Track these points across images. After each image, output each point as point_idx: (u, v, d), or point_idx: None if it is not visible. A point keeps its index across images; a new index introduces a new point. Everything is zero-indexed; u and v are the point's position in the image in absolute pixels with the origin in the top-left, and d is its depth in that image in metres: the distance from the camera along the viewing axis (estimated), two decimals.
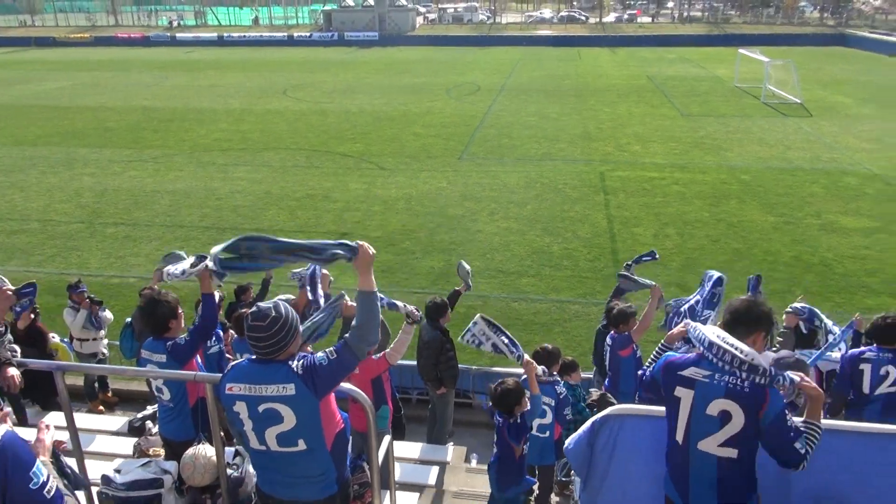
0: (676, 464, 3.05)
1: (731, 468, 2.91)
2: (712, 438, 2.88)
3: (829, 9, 74.71)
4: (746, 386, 2.82)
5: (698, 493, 2.97)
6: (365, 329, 3.10)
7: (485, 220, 15.33)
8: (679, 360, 2.98)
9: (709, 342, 2.91)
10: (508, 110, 28.78)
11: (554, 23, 77.07)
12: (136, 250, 13.98)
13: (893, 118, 26.06)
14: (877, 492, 3.02)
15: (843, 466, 3.03)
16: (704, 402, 2.86)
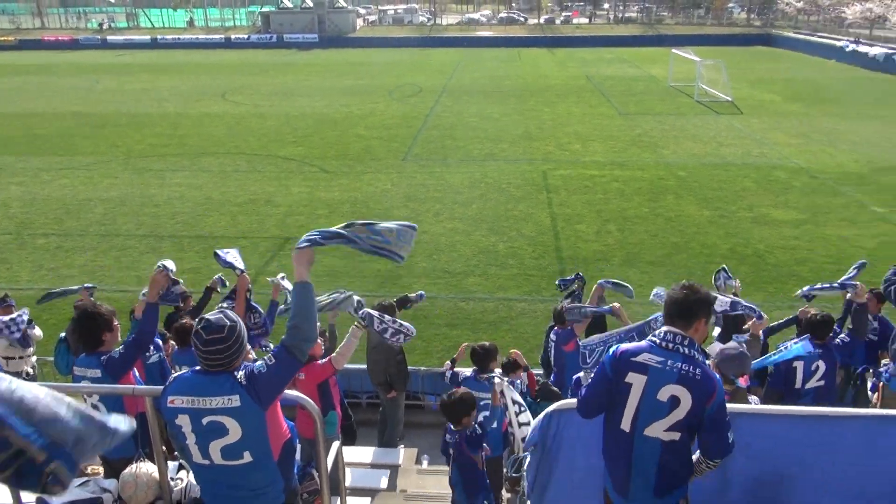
0: (616, 452, 3.08)
1: (673, 452, 2.98)
2: (659, 423, 2.94)
3: (756, 10, 77.79)
4: (698, 373, 2.90)
5: (639, 480, 3.03)
6: (301, 325, 3.02)
7: (430, 221, 15.34)
8: (629, 348, 3.03)
9: (664, 331, 3.00)
10: (451, 111, 28.90)
11: (493, 24, 77.80)
12: (69, 261, 13.43)
13: (818, 114, 27.32)
14: (810, 470, 3.15)
15: (779, 448, 3.15)
16: (656, 387, 2.91)
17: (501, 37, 64.60)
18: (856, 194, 16.95)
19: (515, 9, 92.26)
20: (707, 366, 2.97)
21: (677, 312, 3.01)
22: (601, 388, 3.07)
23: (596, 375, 3.12)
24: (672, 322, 3.02)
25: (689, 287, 3.05)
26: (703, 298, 3.02)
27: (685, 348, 2.94)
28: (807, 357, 5.24)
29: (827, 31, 59.65)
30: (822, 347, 5.27)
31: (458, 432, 4.68)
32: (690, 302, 3.00)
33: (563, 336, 6.14)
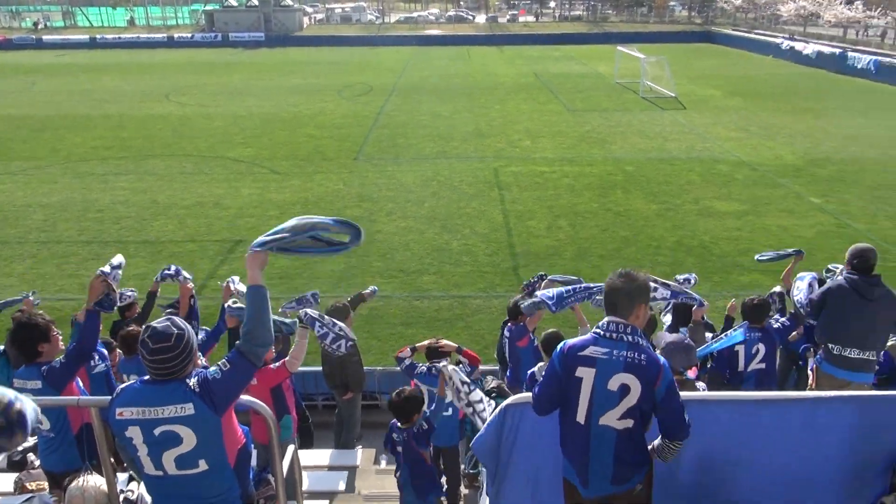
0: (575, 444, 3.14)
1: (628, 440, 3.05)
2: (612, 412, 3.01)
3: (696, 8, 79.92)
4: (643, 359, 2.97)
5: (597, 469, 3.09)
6: (256, 330, 2.98)
7: (383, 221, 15.29)
8: (576, 343, 3.09)
9: (606, 321, 3.06)
10: (402, 110, 28.84)
11: (442, 22, 77.93)
12: (8, 270, 12.91)
13: (756, 109, 28.24)
14: (756, 453, 3.27)
15: (726, 433, 3.25)
16: (605, 378, 2.98)
17: (450, 35, 64.76)
18: (794, 186, 17.60)
19: (463, 7, 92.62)
20: (651, 350, 3.05)
21: (618, 301, 3.08)
22: (553, 386, 3.13)
23: (546, 374, 3.17)
24: (614, 311, 3.08)
25: (627, 275, 3.12)
26: (640, 286, 3.10)
27: (628, 336, 3.01)
28: (748, 341, 5.45)
29: (764, 29, 61.72)
30: (762, 331, 5.49)
31: (406, 429, 4.65)
32: (630, 290, 3.07)
33: (516, 332, 6.21)
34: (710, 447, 3.27)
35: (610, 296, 3.10)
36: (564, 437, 3.20)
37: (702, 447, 3.23)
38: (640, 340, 3.03)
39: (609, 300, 3.11)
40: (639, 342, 3.02)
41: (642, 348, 3.02)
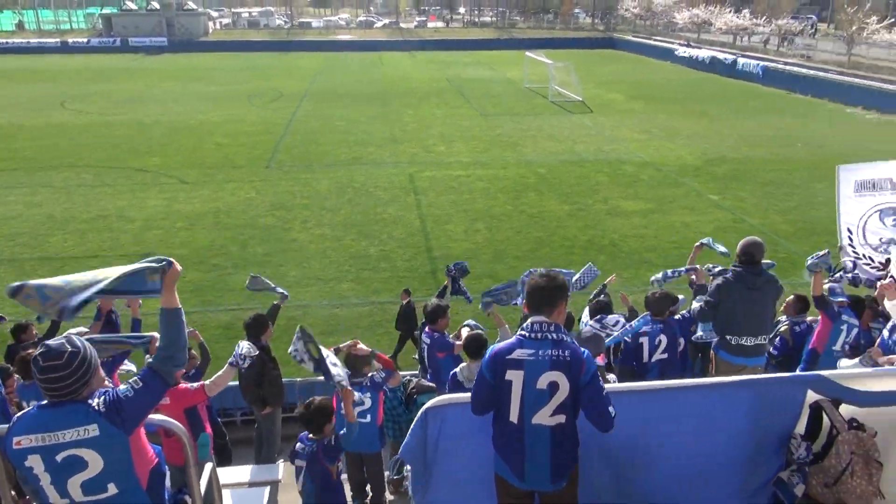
0: (509, 443, 3.21)
1: (561, 435, 3.15)
2: (544, 410, 3.10)
3: (599, 15, 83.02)
4: (568, 355, 3.08)
5: (533, 466, 3.18)
6: (171, 350, 2.91)
7: (298, 229, 15.05)
8: (502, 347, 3.16)
9: (529, 323, 3.14)
10: (314, 116, 28.46)
11: (353, 28, 77.49)
12: None
13: (657, 112, 29.63)
14: (663, 438, 3.44)
15: (636, 422, 3.40)
16: (534, 378, 3.06)
17: (362, 41, 64.48)
18: (694, 184, 18.58)
19: (374, 13, 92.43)
20: (575, 344, 3.17)
21: (542, 300, 3.17)
22: (484, 391, 3.19)
23: (477, 381, 3.22)
24: (538, 310, 3.17)
25: (548, 275, 3.23)
26: (561, 285, 3.23)
27: (552, 334, 3.11)
28: (651, 332, 5.73)
29: (662, 35, 64.83)
30: (663, 323, 5.80)
31: (316, 441, 4.53)
32: (552, 289, 3.18)
33: (437, 343, 6.20)
34: (622, 437, 3.41)
35: (534, 295, 3.18)
36: (498, 436, 3.25)
37: (615, 437, 3.36)
38: (563, 337, 3.13)
39: (533, 299, 3.18)
40: (562, 339, 3.12)
41: (566, 344, 3.12)
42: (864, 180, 7.45)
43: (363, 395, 5.28)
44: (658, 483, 3.53)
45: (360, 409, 5.26)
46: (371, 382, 5.32)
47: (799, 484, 3.40)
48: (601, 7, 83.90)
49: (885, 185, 7.37)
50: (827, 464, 3.33)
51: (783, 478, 3.47)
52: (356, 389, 5.28)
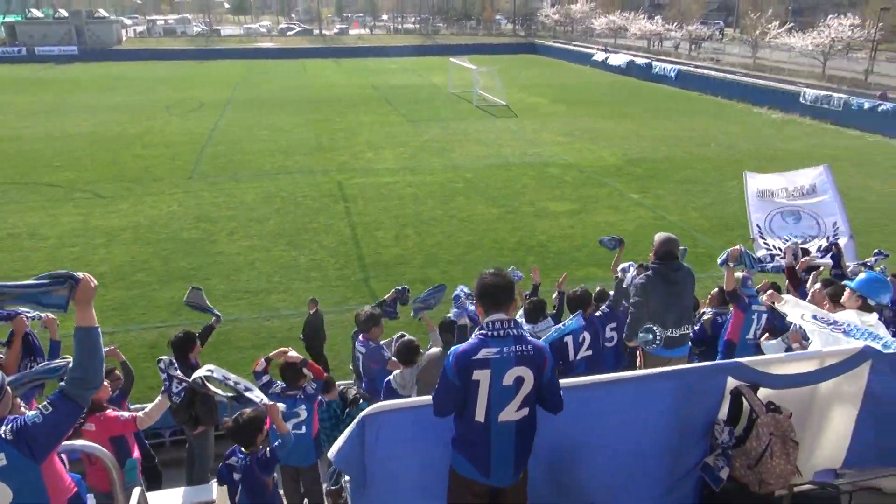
0: (474, 442, 3.21)
1: (526, 429, 3.22)
2: (510, 406, 3.14)
3: (520, 21, 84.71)
4: (530, 349, 3.14)
5: (499, 462, 3.22)
6: (85, 371, 2.77)
7: (225, 241, 14.67)
8: (466, 348, 3.15)
9: (490, 322, 3.17)
10: (238, 125, 27.82)
11: (275, 35, 76.25)
12: None
13: (579, 115, 30.46)
14: (594, 433, 3.53)
15: (568, 418, 3.48)
16: (500, 376, 3.09)
17: (285, 48, 63.52)
18: (616, 184, 19.19)
19: (295, 20, 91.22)
20: (533, 338, 3.22)
21: (497, 298, 3.21)
22: (450, 395, 3.18)
23: (441, 385, 3.19)
24: (496, 307, 3.20)
25: (498, 273, 3.27)
26: (511, 281, 3.30)
27: (512, 330, 3.16)
28: (574, 331, 5.86)
29: (580, 41, 66.74)
30: (586, 320, 5.96)
31: (248, 455, 4.41)
32: (505, 286, 3.23)
33: (371, 353, 6.15)
34: (555, 433, 3.48)
35: (490, 294, 3.21)
36: (462, 436, 3.25)
37: (548, 433, 3.44)
38: (522, 332, 3.20)
39: (491, 298, 3.21)
40: (522, 334, 3.19)
41: (526, 339, 3.19)
42: (763, 189, 8.26)
43: (298, 406, 5.20)
44: (591, 475, 3.63)
45: (295, 421, 5.17)
46: (305, 394, 5.24)
47: (723, 467, 3.56)
48: (522, 13, 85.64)
49: (780, 194, 8.17)
50: (748, 446, 3.50)
51: (709, 462, 3.63)
52: (291, 402, 5.20)
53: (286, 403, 5.18)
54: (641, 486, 3.70)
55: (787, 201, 8.13)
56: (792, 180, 8.31)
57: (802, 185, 8.19)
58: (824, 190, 8.12)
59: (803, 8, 75.49)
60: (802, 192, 8.18)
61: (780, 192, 8.25)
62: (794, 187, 8.20)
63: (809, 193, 8.16)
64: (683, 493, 3.77)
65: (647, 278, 5.29)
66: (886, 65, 41.65)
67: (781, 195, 8.21)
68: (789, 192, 8.21)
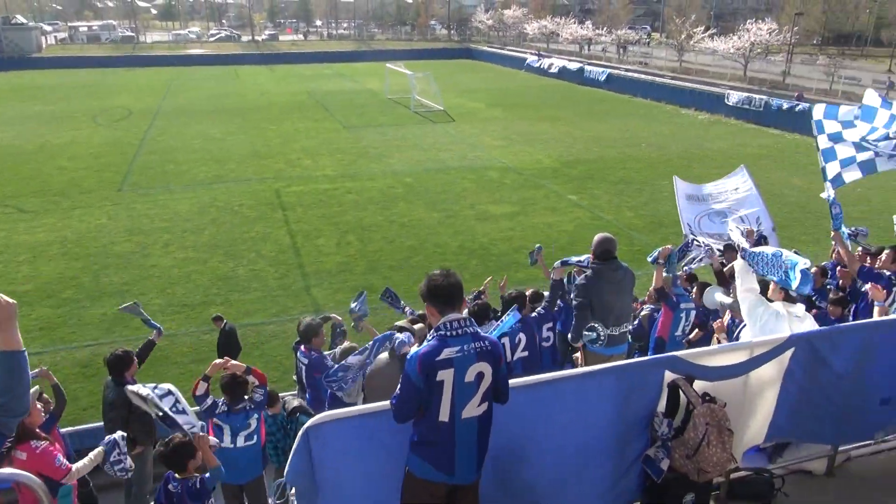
0: (438, 442, 3.21)
1: (485, 423, 3.25)
2: (472, 402, 3.17)
3: (454, 27, 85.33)
4: (487, 344, 3.19)
5: (463, 460, 3.23)
6: (9, 399, 2.56)
7: (159, 254, 14.22)
8: (428, 350, 3.14)
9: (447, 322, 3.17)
10: (169, 134, 27.03)
11: (205, 41, 74.45)
12: None
13: (516, 118, 30.91)
14: (540, 431, 3.59)
15: (511, 418, 3.53)
16: (463, 373, 3.12)
17: (216, 54, 62.02)
18: (553, 186, 19.55)
19: (226, 25, 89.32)
20: (488, 333, 3.25)
21: (450, 298, 3.22)
22: (413, 398, 3.16)
23: (403, 389, 3.17)
24: (451, 306, 3.22)
25: (448, 274, 3.28)
26: (460, 280, 3.31)
27: (469, 328, 3.20)
28: (510, 332, 5.86)
29: (514, 46, 67.75)
30: (521, 321, 5.95)
31: (181, 481, 4.30)
32: (456, 285, 3.26)
33: (314, 363, 6.06)
34: (502, 432, 3.52)
35: (441, 296, 3.21)
36: (425, 437, 3.24)
37: (497, 436, 3.47)
38: (476, 329, 3.24)
39: (444, 298, 3.21)
40: (477, 331, 3.23)
41: (481, 335, 3.23)
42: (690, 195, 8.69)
43: (250, 417, 5.10)
44: (538, 474, 3.69)
45: (246, 433, 5.08)
46: (253, 402, 5.15)
47: (664, 458, 3.68)
48: (456, 19, 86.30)
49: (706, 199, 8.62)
50: (686, 437, 3.63)
51: (650, 454, 3.75)
52: (242, 416, 5.09)
53: (238, 419, 5.08)
54: (587, 482, 3.78)
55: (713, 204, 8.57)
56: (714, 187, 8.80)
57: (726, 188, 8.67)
58: (746, 187, 8.59)
59: (724, 13, 78.84)
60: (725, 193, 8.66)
61: (706, 196, 8.70)
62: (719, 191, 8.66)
63: (731, 193, 8.64)
64: (627, 486, 3.88)
65: (587, 278, 5.39)
66: (801, 66, 43.85)
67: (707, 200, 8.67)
68: (714, 195, 8.66)
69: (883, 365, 4.29)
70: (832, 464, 4.58)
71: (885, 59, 54.39)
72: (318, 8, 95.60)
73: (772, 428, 4.13)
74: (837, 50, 60.75)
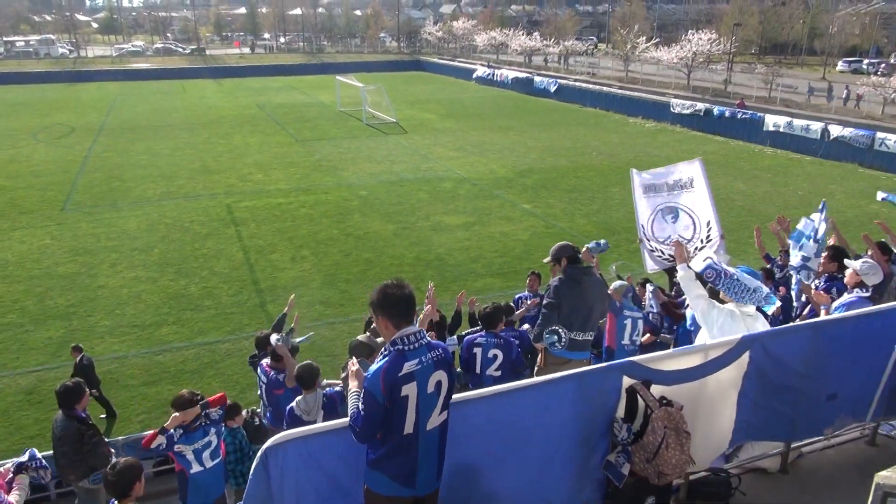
0: (401, 456, 3.17)
1: (445, 431, 3.24)
2: (435, 412, 3.16)
3: (404, 39, 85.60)
4: (441, 352, 3.20)
5: (425, 470, 3.21)
6: None
7: (107, 274, 13.80)
8: (387, 367, 3.09)
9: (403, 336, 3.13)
10: (114, 150, 26.31)
11: (150, 55, 72.89)
12: None
13: (468, 129, 31.13)
14: (503, 441, 3.58)
15: (475, 429, 3.52)
16: (425, 385, 3.11)
17: (161, 68, 60.74)
18: (508, 195, 19.74)
19: (171, 39, 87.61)
20: (440, 341, 3.25)
21: (407, 310, 3.18)
22: (378, 416, 3.10)
23: (368, 407, 3.10)
24: (406, 319, 3.17)
25: (403, 284, 3.23)
26: (413, 291, 3.28)
27: (422, 339, 3.18)
28: (485, 345, 5.81)
29: (464, 57, 68.31)
30: (497, 337, 5.84)
31: None
32: (410, 297, 3.22)
33: (273, 382, 5.96)
34: (467, 442, 3.52)
35: (396, 307, 3.16)
36: (388, 452, 3.19)
37: (459, 444, 3.46)
38: (428, 338, 3.23)
39: (395, 311, 3.17)
40: (429, 340, 3.22)
41: (435, 344, 3.23)
42: (648, 184, 8.66)
43: (208, 434, 4.96)
44: (501, 484, 3.68)
45: (209, 451, 4.95)
46: (209, 419, 5.02)
47: (625, 463, 3.73)
48: (406, 31, 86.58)
49: (661, 188, 8.65)
50: (646, 440, 3.69)
51: (611, 460, 3.79)
52: (200, 433, 4.94)
53: (195, 436, 4.93)
54: (548, 490, 3.80)
55: (668, 195, 8.57)
56: (673, 171, 8.81)
57: (681, 179, 8.71)
58: (700, 184, 8.70)
59: (667, 24, 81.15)
60: (681, 184, 8.71)
61: (662, 185, 8.70)
62: (674, 180, 8.70)
63: (687, 186, 8.72)
64: (589, 492, 3.92)
65: (560, 281, 5.42)
66: (741, 75, 45.40)
67: (663, 189, 8.67)
68: (670, 185, 8.68)
69: (829, 362, 4.45)
70: (786, 461, 4.71)
71: (818, 68, 56.86)
72: (265, 21, 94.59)
73: (736, 432, 4.21)
74: (774, 59, 63.18)
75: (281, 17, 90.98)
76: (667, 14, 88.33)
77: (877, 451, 4.88)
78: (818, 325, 4.51)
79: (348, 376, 3.38)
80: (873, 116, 30.16)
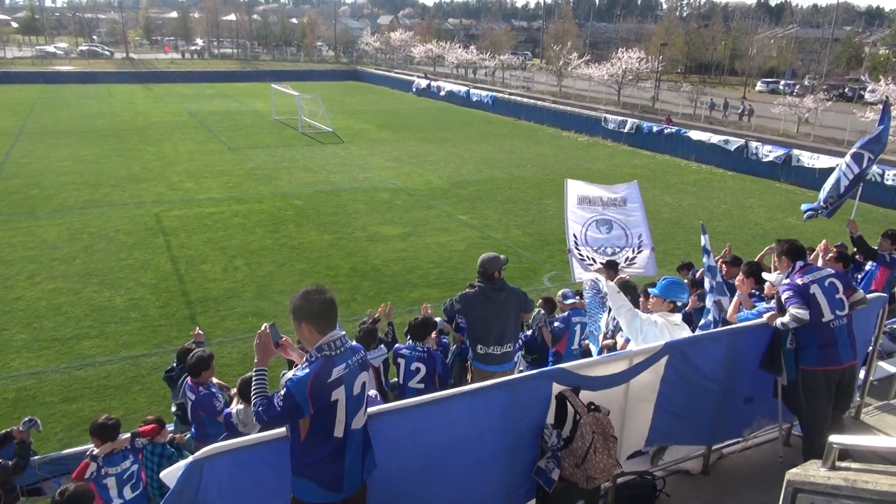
0: (330, 460, 3.15)
1: (366, 430, 3.27)
2: (360, 413, 3.20)
3: (341, 48, 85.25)
4: (363, 355, 3.28)
5: (351, 471, 3.19)
6: None
7: (24, 285, 13.12)
8: (318, 373, 3.07)
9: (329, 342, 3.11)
10: (34, 156, 25.09)
11: (74, 58, 70.05)
12: None
13: (405, 140, 31.20)
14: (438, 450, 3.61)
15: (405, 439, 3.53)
16: (351, 388, 3.13)
17: (86, 72, 58.43)
18: (444, 206, 19.86)
19: (98, 42, 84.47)
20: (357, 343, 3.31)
21: (332, 316, 3.18)
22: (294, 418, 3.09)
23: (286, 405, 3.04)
24: (331, 324, 3.17)
25: (322, 290, 3.21)
26: (334, 295, 3.27)
27: (347, 343, 3.20)
28: (408, 357, 5.78)
29: (401, 68, 68.53)
30: (424, 350, 5.83)
31: None
32: (333, 302, 3.22)
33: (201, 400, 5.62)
34: (397, 453, 3.52)
35: (322, 313, 3.14)
36: (315, 462, 3.15)
37: (391, 454, 3.47)
38: (350, 342, 3.25)
39: (322, 316, 3.15)
40: (352, 344, 3.25)
41: (357, 347, 3.27)
42: (582, 196, 8.99)
43: (125, 459, 4.77)
44: (432, 493, 3.71)
45: (130, 483, 4.76)
46: (131, 446, 4.84)
47: (554, 469, 3.81)
48: (343, 40, 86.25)
49: (596, 202, 8.99)
50: (575, 446, 3.78)
51: (541, 466, 3.86)
52: (118, 458, 4.76)
53: (115, 460, 4.74)
54: (479, 496, 3.85)
55: (602, 210, 8.95)
56: (608, 190, 9.20)
57: (615, 197, 9.10)
58: (633, 203, 9.11)
59: (598, 42, 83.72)
60: (615, 202, 9.09)
61: (596, 199, 9.07)
62: (609, 197, 9.07)
63: (621, 204, 9.12)
64: (518, 498, 3.98)
65: (468, 292, 5.50)
66: (668, 93, 47.18)
67: (598, 203, 9.04)
68: (604, 200, 9.06)
69: (745, 367, 4.69)
70: (707, 462, 4.91)
71: (739, 87, 59.78)
72: (198, 26, 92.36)
73: (652, 432, 4.38)
74: (699, 78, 66.11)
75: (214, 23, 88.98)
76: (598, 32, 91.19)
77: (791, 451, 5.14)
78: (733, 331, 4.75)
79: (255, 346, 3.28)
80: (789, 134, 31.88)
